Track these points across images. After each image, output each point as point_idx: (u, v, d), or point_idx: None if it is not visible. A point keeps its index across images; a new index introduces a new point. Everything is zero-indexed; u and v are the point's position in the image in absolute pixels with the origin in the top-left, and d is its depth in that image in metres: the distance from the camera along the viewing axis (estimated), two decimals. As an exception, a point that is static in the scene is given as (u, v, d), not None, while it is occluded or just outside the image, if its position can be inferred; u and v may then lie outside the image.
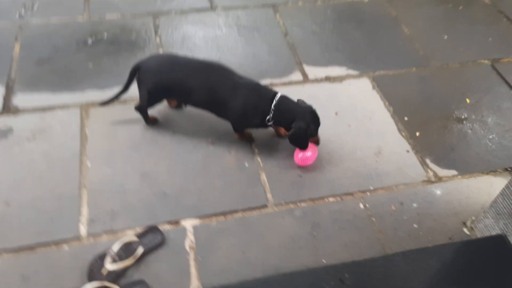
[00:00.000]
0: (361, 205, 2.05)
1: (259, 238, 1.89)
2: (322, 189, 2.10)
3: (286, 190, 2.08)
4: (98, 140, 2.20)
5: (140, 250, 1.78)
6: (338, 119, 2.43)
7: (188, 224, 1.92)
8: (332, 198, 2.07)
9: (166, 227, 1.90)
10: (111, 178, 2.05)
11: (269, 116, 2.03)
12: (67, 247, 1.80)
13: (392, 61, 2.82)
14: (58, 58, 2.60)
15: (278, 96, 2.04)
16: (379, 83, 2.65)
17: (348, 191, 2.10)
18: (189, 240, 1.86)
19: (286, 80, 2.62)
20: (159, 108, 2.29)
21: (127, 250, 1.79)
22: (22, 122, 2.23)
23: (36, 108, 2.30)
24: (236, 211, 1.98)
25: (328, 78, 2.66)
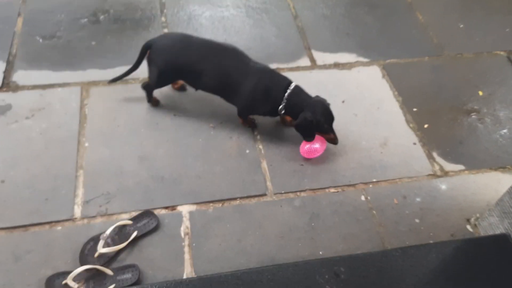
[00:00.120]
0: (363, 197, 1.99)
1: (256, 227, 1.85)
2: (324, 179, 2.04)
3: (287, 179, 2.03)
4: (97, 120, 2.16)
5: (134, 234, 1.76)
6: (345, 108, 2.36)
7: (185, 210, 1.88)
8: (333, 189, 2.02)
9: (162, 212, 1.87)
10: (109, 160, 2.01)
11: (282, 106, 1.96)
12: (61, 228, 1.78)
13: (404, 49, 2.72)
14: (61, 35, 2.55)
15: (293, 86, 1.96)
16: (390, 72, 2.57)
17: (350, 183, 2.04)
18: (185, 226, 1.83)
19: (294, 65, 2.55)
20: (162, 89, 2.23)
21: (121, 234, 1.76)
22: (21, 99, 2.20)
23: (36, 86, 2.27)
24: (234, 199, 1.94)
25: (337, 65, 2.58)
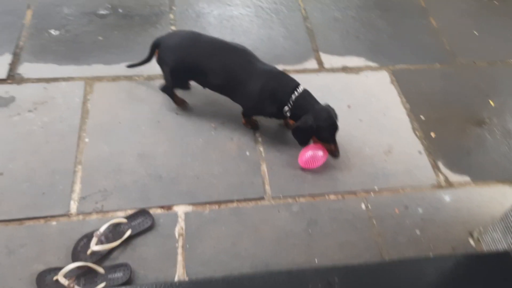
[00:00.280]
0: (363, 206, 1.95)
1: (252, 231, 1.82)
2: (324, 185, 2.01)
3: (286, 183, 2.00)
4: (99, 116, 2.15)
5: (128, 233, 1.74)
6: (350, 113, 2.31)
7: (180, 210, 1.86)
8: (333, 196, 1.98)
9: (158, 211, 1.85)
10: (108, 157, 2.00)
11: (287, 108, 1.93)
12: (56, 223, 1.77)
13: (415, 55, 2.66)
14: (69, 29, 2.55)
15: (301, 89, 1.92)
16: (398, 78, 2.51)
17: (351, 190, 2.00)
18: (179, 227, 1.81)
19: (300, 67, 2.51)
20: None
21: (115, 232, 1.75)
22: (25, 92, 2.20)
23: (41, 79, 2.27)
24: (231, 201, 1.91)
25: (345, 69, 2.53)
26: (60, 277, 1.58)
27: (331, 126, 1.89)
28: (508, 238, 1.68)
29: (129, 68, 2.24)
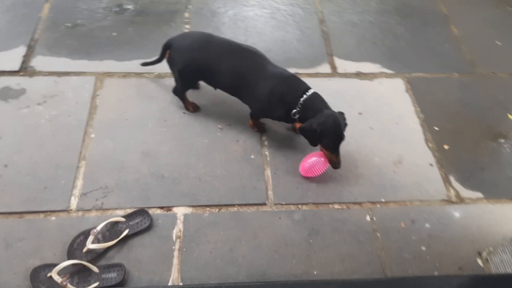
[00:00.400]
0: (368, 217, 1.89)
1: (251, 237, 1.79)
2: (328, 194, 1.95)
3: (290, 190, 1.95)
4: (107, 112, 2.14)
5: (125, 232, 1.72)
6: (361, 120, 2.25)
7: (180, 212, 1.84)
8: (338, 205, 1.92)
9: (157, 212, 1.83)
10: (112, 153, 1.99)
11: (295, 111, 1.88)
12: (55, 219, 1.77)
13: (433, 63, 2.58)
14: (84, 23, 2.55)
15: (310, 92, 1.87)
16: (414, 86, 2.43)
17: (357, 200, 1.94)
18: (177, 229, 1.78)
19: (313, 71, 2.46)
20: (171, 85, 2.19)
21: (112, 230, 1.73)
22: (36, 85, 2.21)
23: (52, 72, 2.28)
24: (232, 205, 1.88)
25: (359, 74, 2.47)
26: (54, 274, 1.57)
27: (335, 135, 1.82)
28: (518, 261, 1.60)
29: (140, 66, 2.23)
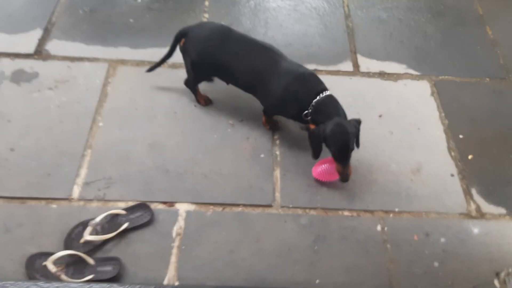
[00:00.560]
0: (379, 227, 1.78)
1: (253, 240, 1.71)
2: (339, 199, 1.85)
3: (298, 193, 1.86)
4: (117, 101, 2.10)
5: (125, 226, 1.68)
6: (381, 123, 2.13)
7: (182, 208, 1.78)
8: (348, 212, 1.82)
9: (159, 207, 1.77)
10: (118, 143, 1.95)
11: (307, 112, 1.78)
12: (56, 207, 1.74)
13: (463, 66, 2.42)
14: (102, 9, 2.51)
15: (325, 94, 1.77)
16: (440, 90, 2.29)
17: (368, 208, 1.84)
18: (178, 226, 1.73)
19: (333, 69, 2.34)
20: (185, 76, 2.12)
21: (112, 223, 1.69)
22: (49, 69, 2.18)
23: (66, 57, 2.25)
24: (237, 205, 1.81)
25: (382, 74, 2.34)
26: (49, 263, 1.54)
27: (341, 144, 1.69)
28: (539, 288, 1.47)
29: (155, 54, 2.17)
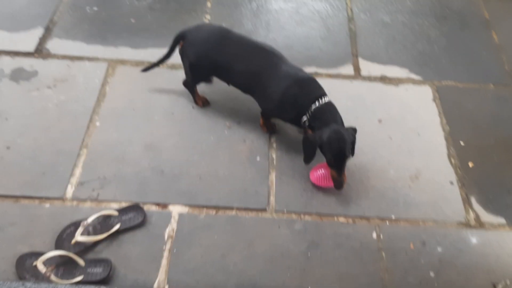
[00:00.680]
0: (374, 234, 1.75)
1: (245, 245, 1.69)
2: (335, 205, 1.83)
3: (293, 197, 1.84)
4: (115, 100, 2.09)
5: (117, 227, 1.67)
6: (380, 128, 2.10)
7: (175, 210, 1.76)
8: (343, 218, 1.80)
9: (152, 208, 1.76)
10: (115, 144, 1.94)
11: (305, 118, 1.77)
12: (49, 206, 1.73)
13: (467, 72, 2.38)
14: (105, 8, 2.51)
15: (323, 101, 1.75)
16: (442, 95, 2.25)
17: (364, 215, 1.81)
18: (171, 228, 1.71)
19: (334, 72, 2.32)
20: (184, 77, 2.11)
21: (104, 223, 1.68)
22: (49, 68, 2.19)
23: (66, 56, 2.25)
24: (231, 208, 1.79)
25: (383, 78, 2.31)
26: (39, 263, 1.53)
27: (337, 151, 1.67)
28: (535, 302, 1.43)
29: (155, 54, 2.16)
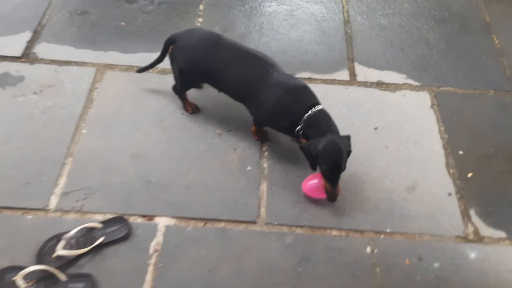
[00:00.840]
0: (368, 249, 1.69)
1: (234, 259, 1.63)
2: (327, 218, 1.76)
3: (285, 209, 1.77)
4: (103, 107, 2.04)
5: (100, 240, 1.61)
6: (376, 136, 2.03)
7: (162, 223, 1.70)
8: (336, 232, 1.73)
9: (137, 220, 1.70)
10: (101, 152, 1.88)
11: (299, 127, 1.70)
12: (31, 217, 1.68)
13: (467, 77, 2.31)
14: (94, 11, 2.45)
15: (317, 108, 1.69)
16: (441, 102, 2.18)
17: (358, 228, 1.74)
18: (157, 241, 1.65)
19: (329, 77, 2.25)
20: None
21: (87, 236, 1.62)
22: (36, 73, 2.13)
23: (54, 60, 2.19)
24: (219, 220, 1.73)
25: (380, 84, 2.24)
26: (19, 279, 1.47)
27: (332, 163, 1.62)
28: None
29: (143, 59, 2.11)
